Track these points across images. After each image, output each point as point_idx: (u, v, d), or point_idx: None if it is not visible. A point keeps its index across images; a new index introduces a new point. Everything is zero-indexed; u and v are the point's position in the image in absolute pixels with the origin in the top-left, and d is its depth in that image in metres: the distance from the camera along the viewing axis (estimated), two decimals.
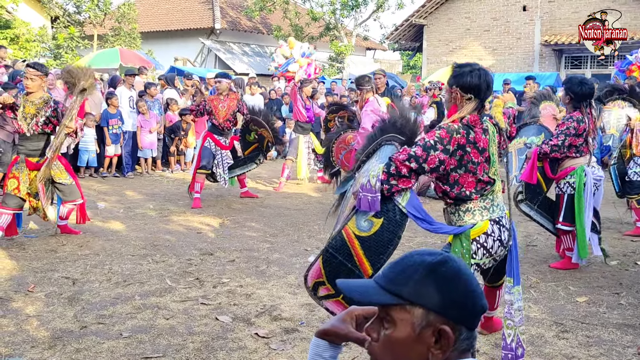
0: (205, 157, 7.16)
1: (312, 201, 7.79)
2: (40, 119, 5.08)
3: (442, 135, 2.73)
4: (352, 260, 2.70)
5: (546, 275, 4.76)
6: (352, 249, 2.70)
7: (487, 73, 2.90)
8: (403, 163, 2.67)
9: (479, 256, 2.84)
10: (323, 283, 2.73)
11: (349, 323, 1.26)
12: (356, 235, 2.70)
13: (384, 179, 2.68)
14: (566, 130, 4.69)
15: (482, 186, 2.83)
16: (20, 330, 3.42)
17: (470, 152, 2.76)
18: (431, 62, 20.17)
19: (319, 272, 2.73)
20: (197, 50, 22.52)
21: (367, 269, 2.71)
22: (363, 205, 2.68)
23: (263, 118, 7.31)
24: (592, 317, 3.87)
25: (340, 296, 2.73)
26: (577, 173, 4.77)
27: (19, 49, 15.63)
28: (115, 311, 3.75)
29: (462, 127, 2.77)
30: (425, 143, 2.72)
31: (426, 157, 2.69)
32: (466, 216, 2.86)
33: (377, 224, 2.69)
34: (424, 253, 1.17)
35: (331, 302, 2.76)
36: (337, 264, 2.71)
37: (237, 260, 4.93)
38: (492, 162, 2.86)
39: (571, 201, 4.81)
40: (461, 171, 2.79)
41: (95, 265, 4.71)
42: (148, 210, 6.94)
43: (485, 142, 2.82)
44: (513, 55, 18.59)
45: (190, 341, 3.33)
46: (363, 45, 27.00)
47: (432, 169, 2.72)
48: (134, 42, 19.10)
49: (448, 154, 2.72)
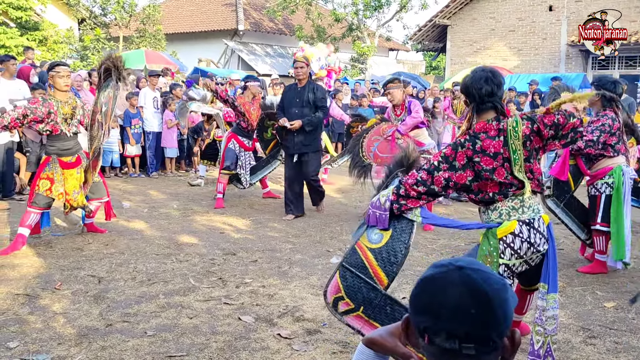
0: (229, 158, 7.21)
1: (333, 202, 7.78)
2: (77, 118, 5.14)
3: (447, 154, 2.80)
4: (367, 273, 2.76)
5: (573, 279, 4.67)
6: (366, 260, 2.76)
7: (484, 77, 2.79)
8: (412, 187, 2.78)
9: (507, 256, 2.81)
10: (342, 298, 2.77)
11: (397, 337, 1.23)
12: (368, 248, 2.78)
13: (393, 200, 2.78)
14: (601, 127, 4.59)
15: (506, 187, 2.80)
16: (47, 328, 3.48)
17: (480, 161, 2.76)
18: (455, 62, 20.00)
19: (337, 287, 2.78)
20: (221, 51, 22.69)
21: (382, 279, 2.75)
22: (371, 220, 2.81)
23: (276, 108, 7.30)
24: (620, 322, 3.79)
25: (360, 310, 2.76)
26: (615, 173, 4.67)
27: (47, 51, 15.94)
28: (139, 310, 3.79)
29: (468, 140, 2.78)
30: (430, 166, 2.81)
31: (432, 179, 2.78)
32: (493, 214, 2.86)
33: (387, 235, 2.79)
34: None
35: (352, 317, 2.78)
36: (353, 277, 2.77)
37: (260, 261, 4.95)
38: (515, 160, 2.76)
39: (609, 202, 4.71)
40: (479, 180, 2.81)
41: (121, 263, 4.77)
42: (172, 210, 7.01)
43: (497, 146, 2.75)
44: (539, 56, 18.32)
45: (213, 340, 3.35)
46: (386, 45, 26.92)
47: (442, 187, 2.80)
48: (158, 43, 19.35)
49: (455, 170, 2.77)
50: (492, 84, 2.80)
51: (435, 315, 1.04)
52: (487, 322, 1.02)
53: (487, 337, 1.02)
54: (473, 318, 1.01)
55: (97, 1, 19.48)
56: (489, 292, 1.03)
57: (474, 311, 1.01)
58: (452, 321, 1.02)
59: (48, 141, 5.24)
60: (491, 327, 1.02)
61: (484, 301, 1.02)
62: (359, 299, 2.75)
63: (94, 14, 19.79)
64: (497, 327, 1.03)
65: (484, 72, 2.85)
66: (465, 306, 1.01)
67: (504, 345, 1.05)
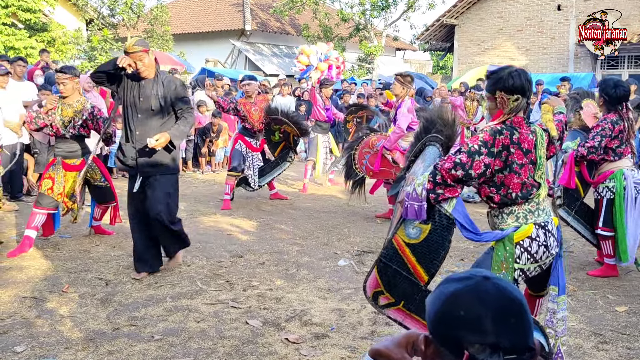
0: (236, 159, 7.19)
1: (341, 203, 7.75)
2: (78, 122, 5.14)
3: (485, 139, 2.69)
4: (406, 268, 2.69)
5: (584, 283, 4.62)
6: (404, 256, 2.69)
7: (525, 71, 2.85)
8: (449, 172, 2.64)
9: (523, 261, 2.76)
10: (382, 292, 2.73)
11: (404, 348, 1.19)
12: (406, 243, 2.69)
13: (430, 188, 2.65)
14: (601, 132, 4.59)
15: (528, 189, 2.77)
16: (55, 331, 3.47)
17: (514, 152, 2.72)
18: (462, 62, 19.91)
19: (376, 282, 2.73)
20: (228, 51, 22.71)
21: (421, 275, 2.69)
22: (410, 213, 2.68)
23: (282, 114, 7.28)
24: (632, 327, 3.73)
25: (400, 304, 2.73)
26: (616, 177, 4.65)
27: (56, 52, 15.99)
28: (147, 313, 3.77)
29: (506, 128, 2.73)
30: (470, 148, 2.67)
31: (471, 163, 2.65)
32: (509, 218, 2.80)
33: (426, 230, 2.68)
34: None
35: (393, 310, 2.75)
36: (392, 272, 2.71)
37: (267, 263, 4.93)
38: (539, 165, 2.80)
39: (610, 206, 4.69)
40: (506, 172, 2.73)
41: (128, 266, 4.76)
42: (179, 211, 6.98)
43: (531, 144, 2.76)
44: (547, 56, 18.20)
45: (220, 345, 3.32)
46: (393, 45, 26.85)
47: (479, 174, 2.68)
48: (166, 44, 19.39)
49: (493, 157, 2.68)
50: (530, 84, 2.81)
51: (476, 329, 1.00)
52: (525, 330, 1.01)
53: (526, 345, 1.01)
54: (513, 327, 0.99)
55: (105, 2, 19.53)
56: (521, 300, 1.02)
57: (513, 320, 0.99)
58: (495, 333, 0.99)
59: (55, 143, 5.37)
60: (528, 334, 1.01)
61: (519, 309, 1.01)
62: (399, 293, 2.70)
63: (101, 14, 19.85)
64: (531, 334, 1.02)
65: (522, 70, 2.83)
66: (506, 316, 0.99)
67: (535, 351, 1.02)
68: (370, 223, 6.59)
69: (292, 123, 7.26)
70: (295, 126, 7.31)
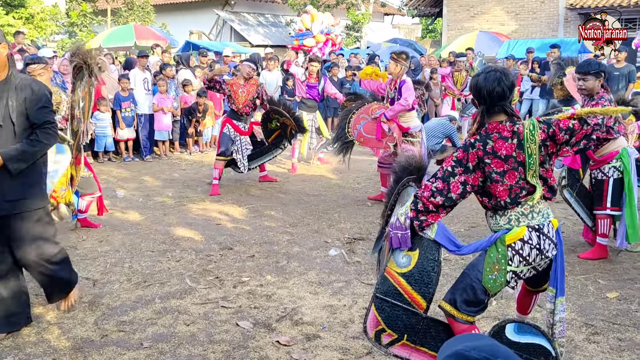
0: (224, 143, 7.07)
1: (331, 185, 7.68)
2: (60, 114, 4.98)
3: (459, 157, 2.69)
4: (403, 299, 2.66)
5: (575, 267, 4.62)
6: (400, 287, 2.65)
7: (494, 77, 2.69)
8: (429, 200, 2.65)
9: (515, 263, 2.73)
10: (383, 330, 2.68)
11: None
12: (399, 273, 2.66)
13: (413, 217, 2.65)
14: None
15: (516, 193, 2.71)
16: (41, 341, 3.42)
17: (490, 163, 2.67)
18: (451, 28, 19.63)
19: (375, 320, 2.69)
20: (212, 22, 22.23)
21: (419, 302, 2.66)
22: (394, 243, 2.67)
23: (283, 107, 7.16)
24: (623, 316, 3.74)
25: (404, 338, 2.69)
26: (622, 155, 4.60)
27: (34, 29, 15.56)
28: (135, 316, 3.72)
29: (479, 140, 2.69)
30: (444, 173, 2.68)
31: (448, 186, 2.66)
32: (502, 220, 2.78)
33: (415, 256, 2.67)
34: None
35: (397, 347, 2.71)
36: (390, 307, 2.67)
37: (257, 256, 4.87)
38: (529, 164, 2.69)
39: (619, 185, 4.64)
40: (488, 182, 2.71)
41: (115, 263, 4.70)
42: (167, 198, 6.91)
43: (510, 148, 2.67)
44: (537, 20, 17.96)
45: (211, 351, 3.29)
46: (381, 11, 26.41)
47: (459, 194, 2.67)
48: (147, 16, 18.92)
49: (469, 173, 2.67)
50: (504, 85, 2.69)
51: None
52: None
53: None
54: None
55: None
56: None
57: None
58: None
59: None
60: None
61: None
62: (400, 327, 2.66)
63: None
64: None
65: (496, 72, 2.71)
66: None
67: None
68: (360, 207, 6.54)
69: (292, 119, 7.18)
70: (295, 122, 7.22)
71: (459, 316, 2.65)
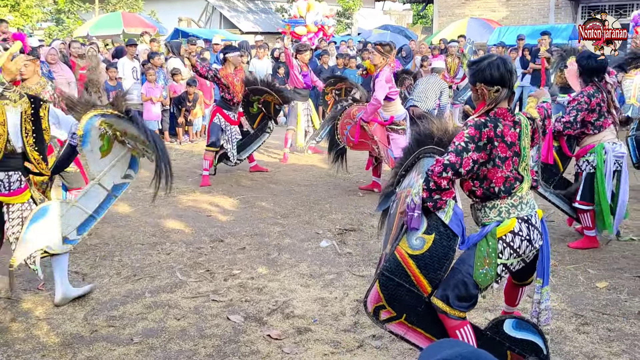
0: (214, 133, 7.01)
1: (322, 174, 7.66)
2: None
3: (471, 133, 2.66)
4: (409, 280, 2.64)
5: (565, 256, 4.64)
6: (408, 268, 2.63)
7: (506, 61, 2.77)
8: (440, 176, 2.61)
9: (505, 256, 2.75)
10: (383, 307, 2.67)
11: None
12: (409, 255, 2.63)
13: (425, 197, 2.63)
14: (577, 106, 4.57)
15: (511, 182, 2.74)
16: (30, 337, 3.39)
17: (497, 145, 2.68)
18: (442, 14, 19.53)
19: (377, 296, 2.67)
20: (201, 9, 21.99)
21: (425, 287, 2.65)
22: (413, 223, 2.63)
23: (261, 83, 7.10)
24: (612, 306, 3.76)
25: (402, 317, 2.68)
26: (596, 151, 4.62)
27: (21, 16, 15.31)
28: (125, 311, 3.70)
29: (490, 121, 2.69)
30: (457, 147, 2.65)
31: (460, 161, 2.63)
32: (492, 213, 2.79)
33: (429, 240, 2.63)
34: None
35: (394, 325, 2.72)
36: (394, 286, 2.65)
37: (248, 248, 4.85)
38: (523, 156, 2.76)
39: (590, 180, 4.68)
40: (489, 165, 2.71)
41: (105, 256, 4.66)
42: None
43: (514, 136, 2.72)
44: (527, 7, 17.91)
45: (202, 346, 3.27)
46: None
47: (468, 171, 2.66)
48: (136, 3, 18.68)
49: (479, 151, 2.66)
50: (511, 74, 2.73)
51: None
52: None
53: None
54: None
55: None
56: None
57: None
58: None
59: None
60: None
61: None
62: (400, 306, 2.66)
63: None
64: None
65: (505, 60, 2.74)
66: None
67: None
68: (352, 197, 6.53)
69: (274, 91, 7.12)
70: (277, 94, 7.17)
71: (451, 313, 2.65)
